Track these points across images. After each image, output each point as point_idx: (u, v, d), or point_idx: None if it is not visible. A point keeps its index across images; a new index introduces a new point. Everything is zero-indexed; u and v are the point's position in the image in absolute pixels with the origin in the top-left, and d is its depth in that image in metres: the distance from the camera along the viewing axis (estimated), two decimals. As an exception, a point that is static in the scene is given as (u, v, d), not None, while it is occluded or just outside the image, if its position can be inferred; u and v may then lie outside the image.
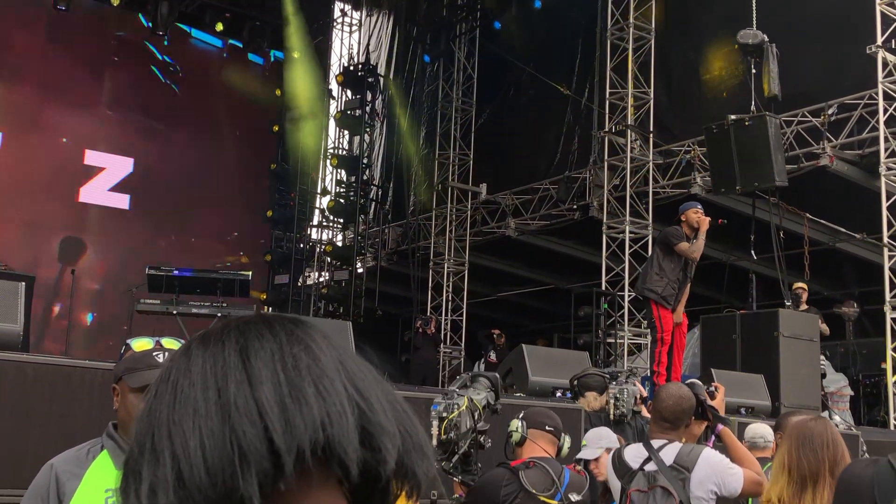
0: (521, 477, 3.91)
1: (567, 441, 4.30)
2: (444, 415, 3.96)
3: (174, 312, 11.95)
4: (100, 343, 14.56)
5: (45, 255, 15.34)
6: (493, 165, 17.33)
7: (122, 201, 16.58)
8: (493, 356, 15.44)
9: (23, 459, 4.46)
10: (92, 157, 16.35)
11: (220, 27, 16.89)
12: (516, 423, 4.22)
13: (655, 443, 3.94)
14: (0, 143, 15.43)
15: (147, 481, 0.75)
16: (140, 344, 2.77)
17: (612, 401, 5.70)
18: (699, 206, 8.65)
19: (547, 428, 4.21)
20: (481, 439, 4.03)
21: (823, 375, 10.78)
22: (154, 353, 2.65)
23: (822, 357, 10.29)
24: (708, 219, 8.46)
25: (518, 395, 7.25)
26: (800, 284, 11.12)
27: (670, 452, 3.87)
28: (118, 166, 16.60)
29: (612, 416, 5.67)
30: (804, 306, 10.96)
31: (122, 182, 16.60)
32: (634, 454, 3.97)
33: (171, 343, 2.71)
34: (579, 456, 4.75)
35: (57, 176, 15.85)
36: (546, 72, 15.61)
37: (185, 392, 0.79)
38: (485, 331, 16.48)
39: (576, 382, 6.07)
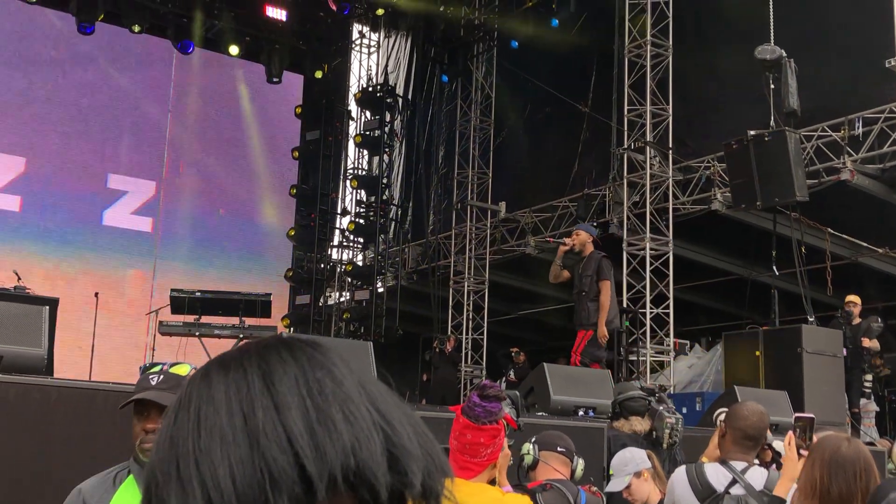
0: (539, 500, 3.87)
1: (581, 463, 4.24)
2: None
3: (196, 334, 12.03)
4: (123, 365, 14.65)
5: (68, 278, 15.47)
6: (511, 184, 17.34)
7: (145, 224, 16.72)
8: (512, 375, 15.41)
9: (46, 483, 4.49)
10: (117, 182, 16.51)
11: (236, 51, 17.03)
12: (528, 446, 4.18)
13: (737, 465, 3.68)
14: (26, 168, 15.61)
15: None
16: (176, 368, 2.77)
17: (667, 430, 5.57)
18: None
19: (559, 449, 4.17)
20: None
21: (868, 395, 10.72)
22: (150, 377, 2.66)
23: (868, 377, 10.25)
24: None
25: (540, 414, 7.22)
26: (853, 298, 11.09)
27: (757, 476, 3.64)
28: (141, 190, 16.75)
29: (664, 445, 5.56)
30: (857, 320, 10.93)
31: (144, 205, 16.75)
32: (716, 475, 3.70)
33: (179, 368, 2.71)
34: (608, 489, 4.63)
35: (80, 199, 16.03)
36: (563, 89, 15.63)
37: (209, 419, 0.77)
38: (504, 350, 16.44)
39: (619, 405, 5.87)
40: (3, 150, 15.48)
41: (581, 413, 7.32)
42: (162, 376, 2.63)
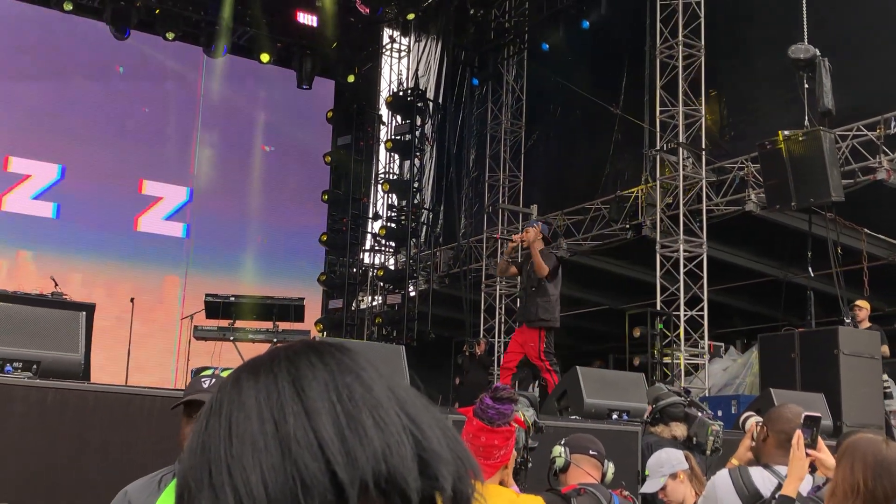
0: None
1: (611, 467, 4.20)
2: None
3: (231, 338, 12.12)
4: (159, 370, 14.79)
5: (104, 284, 15.65)
6: (543, 186, 17.30)
7: (178, 230, 16.88)
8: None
9: (83, 487, 4.54)
10: (150, 188, 16.69)
11: (267, 58, 17.15)
12: (559, 449, 4.15)
13: (781, 469, 3.58)
14: (61, 175, 15.82)
15: None
16: (228, 372, 2.80)
17: (711, 437, 5.52)
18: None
19: (591, 453, 4.14)
20: (528, 457, 4.01)
21: (889, 395, 10.53)
22: (202, 379, 2.69)
23: (885, 376, 10.05)
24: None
25: (573, 417, 7.19)
26: (858, 303, 10.86)
27: (805, 483, 3.52)
28: (174, 196, 16.92)
29: (708, 451, 5.51)
30: (866, 324, 10.72)
31: (178, 212, 16.91)
32: (762, 479, 3.60)
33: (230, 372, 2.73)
34: (642, 490, 4.59)
35: (114, 205, 16.22)
36: (595, 91, 15.58)
37: (241, 425, 0.78)
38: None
39: (659, 410, 5.79)
40: (38, 158, 15.69)
41: (615, 417, 7.28)
42: (213, 379, 2.66)
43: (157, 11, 16.03)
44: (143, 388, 5.46)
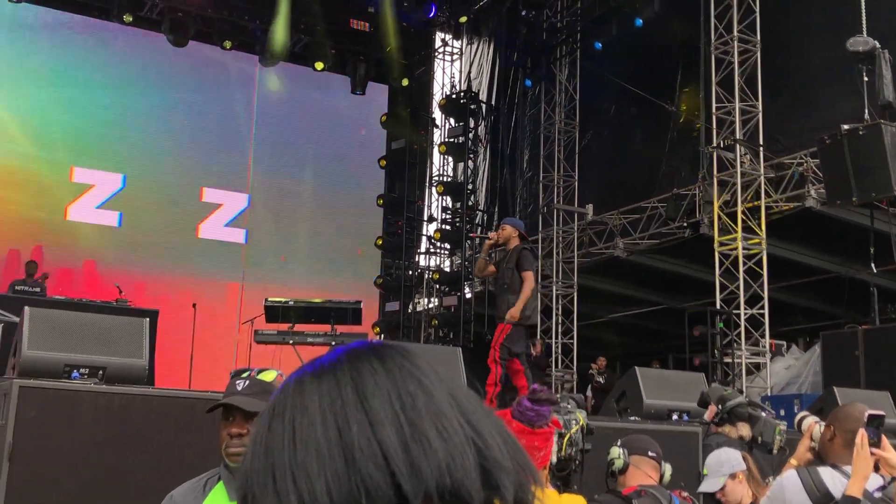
0: None
1: (668, 468, 4.18)
2: (563, 431, 3.92)
3: (290, 342, 12.25)
4: (222, 374, 15.01)
5: (166, 290, 15.96)
6: (598, 186, 17.20)
7: (238, 235, 17.14)
8: (600, 379, 15.32)
9: (150, 490, 4.64)
10: (210, 195, 16.97)
11: (322, 66, 17.32)
12: (617, 451, 4.13)
13: (850, 469, 3.50)
14: (124, 184, 16.17)
15: None
16: (264, 374, 2.84)
17: (779, 436, 5.48)
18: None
19: (650, 454, 4.11)
20: (582, 459, 4.00)
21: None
22: (237, 382, 2.71)
23: None
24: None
25: (633, 418, 7.14)
26: None
27: (872, 482, 3.45)
28: (233, 202, 17.18)
29: (774, 450, 5.48)
30: None
31: (238, 218, 17.17)
32: (832, 480, 3.52)
33: (266, 374, 2.76)
34: (701, 489, 4.55)
35: (176, 212, 16.54)
36: (649, 89, 15.45)
37: (304, 431, 0.78)
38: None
39: (727, 411, 5.73)
40: (102, 168, 16.05)
41: (675, 417, 7.22)
42: (248, 382, 2.68)
43: (214, 22, 16.31)
44: (206, 393, 5.55)
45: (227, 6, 16.45)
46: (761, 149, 13.33)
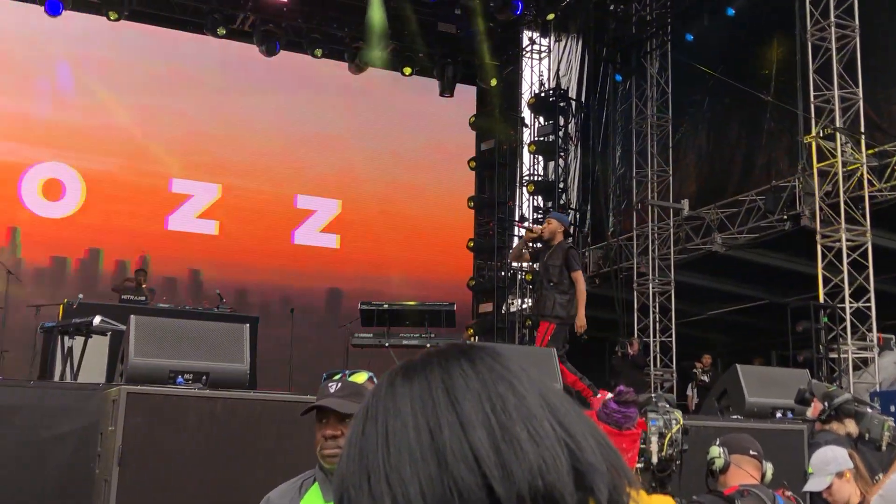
0: None
1: (770, 467, 4.07)
2: (664, 431, 3.85)
3: (386, 345, 12.37)
4: (320, 378, 15.24)
5: (265, 296, 16.31)
6: (693, 180, 16.88)
7: (331, 241, 17.40)
8: (704, 378, 15.04)
9: (253, 492, 4.73)
10: (303, 201, 17.28)
11: (409, 70, 17.44)
12: (717, 450, 4.04)
13: None
14: (219, 194, 16.58)
15: None
16: (355, 376, 2.87)
17: (888, 432, 5.31)
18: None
19: (751, 453, 4.02)
20: (682, 459, 3.92)
21: None
22: (329, 384, 2.74)
23: None
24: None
25: (735, 417, 6.99)
26: None
27: None
28: (326, 208, 17.45)
29: (882, 446, 5.33)
30: None
31: (330, 223, 17.44)
32: None
33: (357, 376, 2.79)
34: (807, 488, 4.41)
35: (272, 220, 16.90)
36: (743, 79, 15.09)
37: (397, 434, 0.79)
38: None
39: (835, 408, 5.58)
40: (200, 178, 16.50)
41: (779, 415, 7.03)
42: (340, 384, 2.72)
43: (304, 31, 16.61)
44: (305, 396, 5.64)
45: (316, 16, 16.73)
46: (863, 137, 12.86)
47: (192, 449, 5.25)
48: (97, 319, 9.21)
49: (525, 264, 9.46)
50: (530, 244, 9.31)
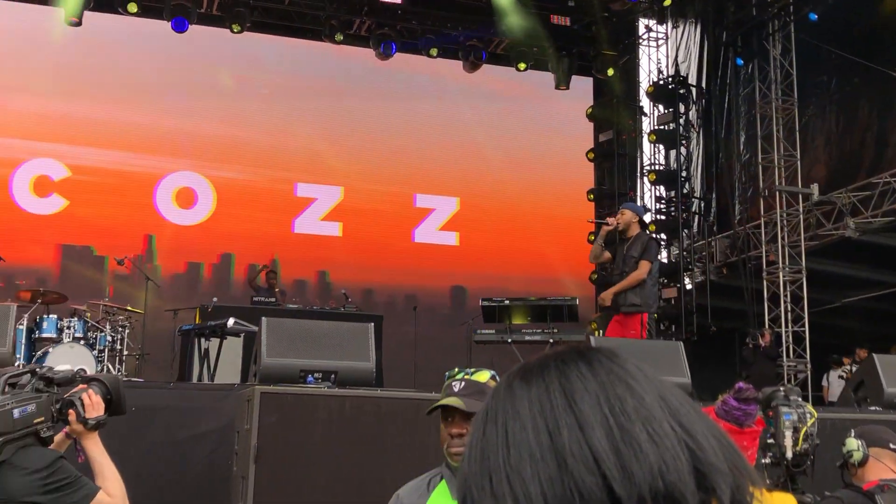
0: (879, 501, 3.61)
1: None
2: (798, 425, 3.74)
3: (509, 341, 12.39)
4: (441, 375, 15.38)
5: (389, 295, 16.60)
6: (823, 163, 16.27)
7: (450, 238, 17.55)
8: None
9: (383, 489, 4.83)
10: (423, 200, 17.48)
11: (523, 66, 17.39)
12: (855, 443, 3.89)
13: None
14: (342, 197, 16.95)
15: None
16: (477, 374, 2.91)
17: None
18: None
19: (891, 446, 3.86)
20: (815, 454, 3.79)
21: None
22: (452, 383, 2.78)
23: None
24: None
25: (873, 408, 6.73)
26: None
27: None
28: (445, 206, 17.60)
29: None
30: None
31: (449, 220, 17.58)
32: None
33: (479, 374, 2.82)
34: None
35: (392, 219, 17.17)
36: (873, 57, 14.44)
37: (517, 435, 0.80)
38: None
39: None
40: (323, 182, 16.89)
41: (922, 406, 6.72)
42: (463, 383, 2.75)
43: (419, 33, 16.79)
44: (430, 394, 5.71)
45: (430, 17, 16.88)
46: None
47: (323, 446, 5.39)
48: (231, 322, 9.56)
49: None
50: (603, 242, 9.02)
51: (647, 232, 8.66)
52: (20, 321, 9.59)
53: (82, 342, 9.98)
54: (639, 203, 19.13)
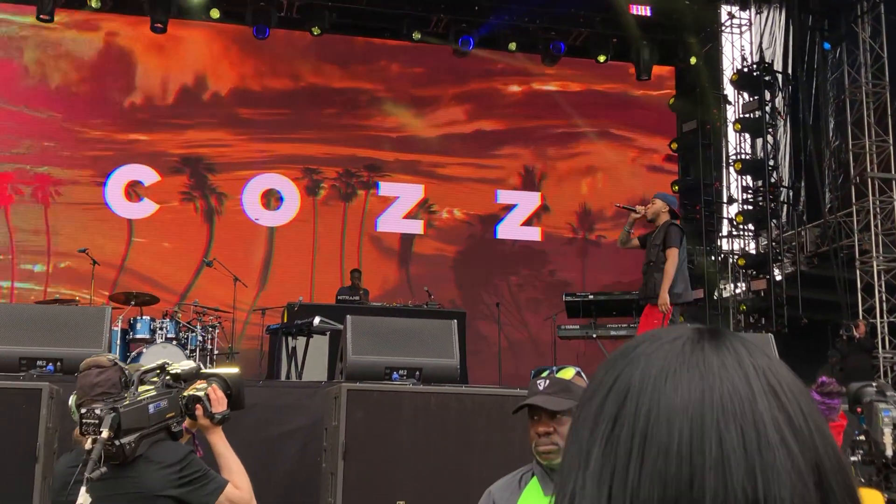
0: None
1: None
2: None
3: (594, 336, 12.30)
4: (528, 370, 15.35)
5: (469, 290, 16.63)
6: (918, 148, 15.69)
7: (534, 234, 17.49)
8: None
9: (469, 485, 4.84)
10: (504, 196, 17.46)
11: (603, 58, 17.20)
12: None
13: None
14: (423, 194, 17.04)
15: None
16: (562, 372, 2.90)
17: None
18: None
19: None
20: None
21: None
22: (537, 382, 2.77)
23: None
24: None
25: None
26: None
27: None
28: (528, 202, 17.55)
29: None
30: None
31: (532, 216, 17.51)
32: None
33: (564, 372, 2.80)
34: None
35: (475, 216, 17.20)
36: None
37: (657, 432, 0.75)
38: None
39: None
40: (405, 180, 17.01)
41: None
42: (548, 381, 2.74)
43: (497, 28, 16.77)
44: (515, 389, 5.70)
45: (507, 12, 16.83)
46: None
47: (409, 442, 5.43)
48: (317, 320, 9.72)
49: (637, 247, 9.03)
50: (630, 228, 8.91)
51: (671, 220, 8.52)
52: (114, 323, 9.91)
53: (174, 342, 10.26)
54: (724, 194, 18.78)
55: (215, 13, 15.40)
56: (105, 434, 2.78)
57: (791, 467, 0.72)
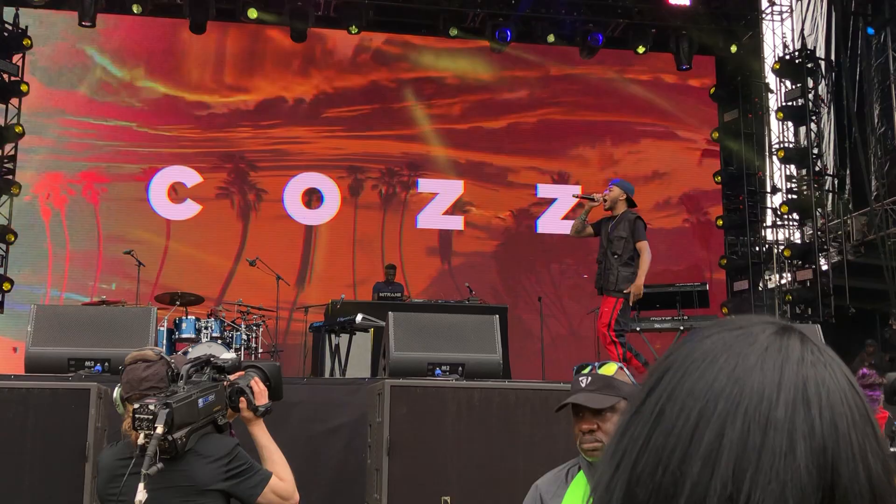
0: None
1: None
2: None
3: (637, 329, 12.21)
4: (571, 364, 15.27)
5: (513, 286, 16.60)
6: (967, 133, 15.38)
7: (568, 228, 17.38)
8: None
9: (514, 481, 4.83)
10: (544, 190, 17.39)
11: (642, 49, 17.05)
12: None
13: None
14: (463, 190, 17.04)
15: None
16: (604, 368, 2.88)
17: None
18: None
19: None
20: None
21: None
22: (580, 379, 2.75)
23: None
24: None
25: None
26: None
27: None
28: (567, 195, 17.45)
29: None
30: None
31: (571, 209, 17.43)
32: None
33: (606, 368, 2.79)
34: None
35: (515, 211, 17.16)
36: None
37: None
38: None
39: None
40: (446, 177, 17.01)
41: None
42: (590, 378, 2.73)
43: (533, 21, 16.71)
44: (559, 384, 5.68)
45: (544, 4, 16.75)
46: None
47: (453, 438, 5.43)
48: (359, 317, 9.76)
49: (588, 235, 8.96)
50: (585, 217, 8.82)
51: (632, 211, 8.46)
52: (160, 323, 10.04)
53: (220, 341, 10.36)
54: (767, 183, 18.54)
55: (253, 13, 15.51)
56: (160, 430, 2.81)
57: (790, 479, 0.69)
